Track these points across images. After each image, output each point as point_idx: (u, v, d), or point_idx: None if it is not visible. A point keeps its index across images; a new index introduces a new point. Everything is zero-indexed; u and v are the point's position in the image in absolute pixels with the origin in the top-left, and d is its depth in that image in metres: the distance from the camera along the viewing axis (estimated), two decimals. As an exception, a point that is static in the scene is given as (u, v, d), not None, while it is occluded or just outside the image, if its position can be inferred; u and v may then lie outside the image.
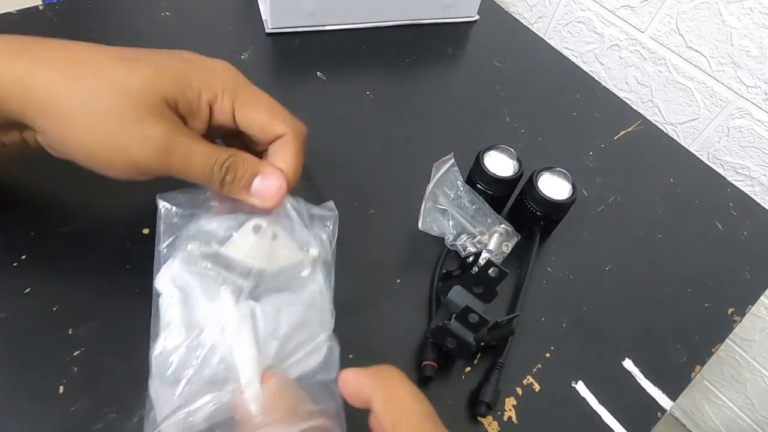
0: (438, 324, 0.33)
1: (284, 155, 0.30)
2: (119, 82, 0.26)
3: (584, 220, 0.47)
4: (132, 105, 0.26)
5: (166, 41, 0.52)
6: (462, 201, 0.41)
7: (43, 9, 0.51)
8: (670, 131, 0.66)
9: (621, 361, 0.39)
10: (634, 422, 0.36)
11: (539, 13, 0.74)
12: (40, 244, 0.35)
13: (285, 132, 0.30)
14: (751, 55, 0.56)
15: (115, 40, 0.51)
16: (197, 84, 0.28)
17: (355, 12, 0.58)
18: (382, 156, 0.45)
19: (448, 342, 0.33)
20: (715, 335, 0.42)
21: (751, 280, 0.46)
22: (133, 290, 0.34)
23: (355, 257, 0.40)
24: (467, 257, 0.37)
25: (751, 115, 0.59)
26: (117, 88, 0.26)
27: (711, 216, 0.50)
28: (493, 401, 0.34)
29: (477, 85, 0.57)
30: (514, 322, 0.34)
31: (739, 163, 0.62)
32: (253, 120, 0.30)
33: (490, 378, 0.35)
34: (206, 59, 0.30)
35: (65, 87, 0.25)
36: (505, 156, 0.41)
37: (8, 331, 0.31)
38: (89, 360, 0.31)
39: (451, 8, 0.62)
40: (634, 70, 0.67)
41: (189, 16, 0.55)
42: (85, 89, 0.25)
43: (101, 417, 0.29)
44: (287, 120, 0.31)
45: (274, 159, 0.31)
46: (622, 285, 0.43)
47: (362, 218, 0.42)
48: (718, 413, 0.89)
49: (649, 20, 0.63)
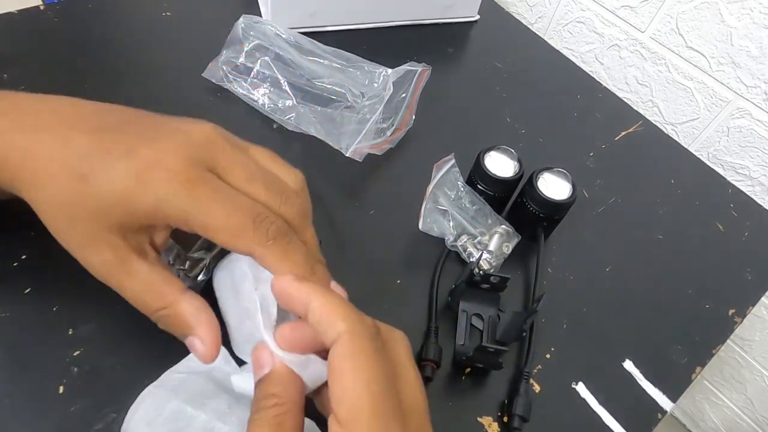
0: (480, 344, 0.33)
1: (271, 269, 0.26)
2: (69, 205, 0.26)
3: (584, 221, 0.47)
4: (78, 230, 0.26)
5: (166, 41, 0.52)
6: (462, 201, 0.41)
7: (43, 9, 0.51)
8: (670, 131, 0.66)
9: (621, 362, 0.39)
10: (635, 423, 0.36)
11: (539, 13, 0.74)
12: (40, 244, 0.35)
13: (251, 251, 0.25)
14: (751, 55, 0.56)
15: (116, 40, 0.51)
16: (141, 209, 0.25)
17: (356, 13, 0.58)
18: (382, 156, 0.45)
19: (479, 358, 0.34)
20: (716, 336, 0.42)
21: (752, 280, 0.46)
22: (133, 290, 0.34)
23: (355, 257, 0.40)
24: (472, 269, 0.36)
25: (751, 115, 0.59)
26: (66, 211, 0.26)
27: (711, 216, 0.50)
28: (527, 413, 0.33)
29: (477, 85, 0.57)
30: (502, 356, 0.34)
31: (739, 163, 0.62)
32: (214, 235, 0.25)
33: (520, 389, 0.34)
34: (152, 165, 0.25)
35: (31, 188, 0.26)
36: (506, 156, 0.41)
37: (8, 331, 0.31)
38: (89, 360, 0.31)
39: (451, 8, 0.62)
40: (634, 70, 0.67)
41: (189, 16, 0.55)
42: (43, 197, 0.26)
43: (101, 417, 0.29)
44: (250, 232, 0.25)
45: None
46: (622, 286, 0.43)
47: (362, 218, 0.42)
48: (718, 413, 0.89)
49: (649, 20, 0.63)
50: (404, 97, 0.46)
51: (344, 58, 0.48)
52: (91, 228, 0.26)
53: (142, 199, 0.25)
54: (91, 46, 0.49)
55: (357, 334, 0.23)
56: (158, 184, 0.24)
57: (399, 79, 0.45)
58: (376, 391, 0.22)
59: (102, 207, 0.25)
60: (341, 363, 0.22)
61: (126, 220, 0.25)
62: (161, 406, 0.28)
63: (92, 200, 0.25)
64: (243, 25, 0.47)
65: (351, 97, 0.46)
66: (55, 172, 0.25)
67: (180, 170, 0.25)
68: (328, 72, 0.47)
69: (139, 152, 0.25)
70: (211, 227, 0.25)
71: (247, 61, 0.47)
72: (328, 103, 0.46)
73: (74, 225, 0.26)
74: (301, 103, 0.46)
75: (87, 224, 0.25)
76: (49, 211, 0.26)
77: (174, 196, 0.24)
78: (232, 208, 0.25)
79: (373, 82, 0.47)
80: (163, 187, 0.24)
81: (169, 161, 0.25)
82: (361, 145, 0.41)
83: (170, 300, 0.26)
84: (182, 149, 0.26)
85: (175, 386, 0.29)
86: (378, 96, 0.44)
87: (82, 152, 0.26)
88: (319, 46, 0.47)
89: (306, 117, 0.45)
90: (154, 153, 0.25)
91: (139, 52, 0.49)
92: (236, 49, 0.47)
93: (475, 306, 0.37)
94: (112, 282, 0.27)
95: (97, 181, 0.25)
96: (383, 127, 0.46)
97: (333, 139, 0.43)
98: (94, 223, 0.25)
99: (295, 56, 0.47)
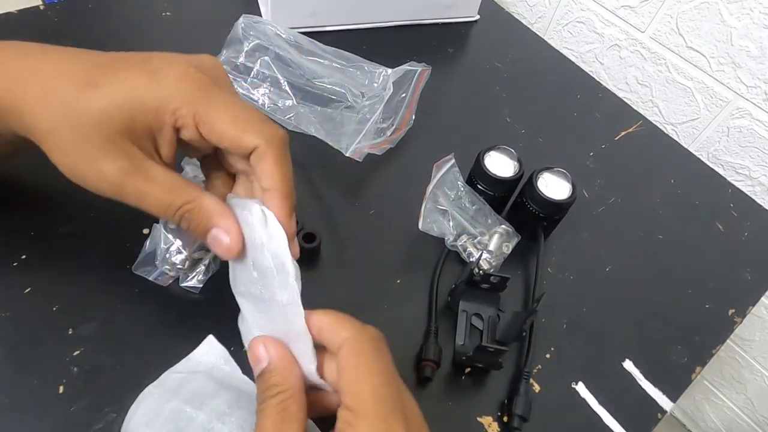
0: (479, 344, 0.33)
1: (264, 170, 0.27)
2: (77, 115, 0.25)
3: (584, 221, 0.47)
4: (88, 141, 0.26)
5: (166, 41, 0.52)
6: (462, 201, 0.41)
7: (44, 9, 0.51)
8: (670, 131, 0.66)
9: (621, 362, 0.39)
10: (635, 423, 0.36)
11: (539, 13, 0.74)
12: (40, 244, 0.35)
13: (257, 144, 0.27)
14: (751, 55, 0.56)
15: (116, 39, 0.51)
16: (152, 105, 0.26)
17: (356, 13, 0.58)
18: (382, 156, 0.45)
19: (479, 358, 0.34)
20: (716, 336, 0.42)
21: (752, 280, 0.46)
22: (133, 290, 0.34)
23: (355, 257, 0.40)
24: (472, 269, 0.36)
25: (751, 115, 0.59)
26: (75, 122, 0.25)
27: (711, 216, 0.50)
28: (527, 413, 0.33)
29: (477, 85, 0.57)
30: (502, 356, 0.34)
31: (739, 163, 0.62)
32: (220, 135, 0.27)
33: (519, 389, 0.34)
34: (164, 66, 0.27)
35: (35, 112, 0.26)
36: (506, 156, 0.41)
37: (8, 331, 0.31)
38: (89, 360, 0.31)
39: (451, 8, 0.62)
40: (634, 70, 0.67)
41: (189, 16, 0.55)
42: (49, 117, 0.26)
43: (101, 417, 0.29)
44: (257, 128, 0.27)
45: (257, 177, 0.28)
46: (622, 286, 0.43)
47: (362, 218, 0.42)
48: (718, 413, 0.89)
49: (649, 20, 0.63)
50: (404, 97, 0.46)
51: (344, 58, 0.48)
52: (102, 135, 0.25)
53: (154, 95, 0.26)
54: (91, 46, 0.49)
55: (358, 337, 0.25)
56: (171, 81, 0.26)
57: (399, 79, 0.45)
58: (377, 383, 0.24)
59: (112, 108, 0.25)
60: (346, 361, 0.24)
61: (136, 121, 0.26)
62: (161, 406, 0.28)
63: (101, 102, 0.25)
64: (243, 24, 0.47)
65: (351, 97, 0.46)
66: (63, 83, 0.26)
67: (192, 74, 0.27)
68: (328, 72, 0.47)
69: (152, 59, 0.27)
70: (220, 123, 0.27)
71: (247, 60, 0.47)
72: (328, 103, 0.46)
73: (84, 135, 0.25)
74: (301, 103, 0.46)
75: (97, 131, 0.25)
76: (58, 128, 0.26)
77: (186, 92, 0.26)
78: (240, 107, 0.27)
79: (373, 82, 0.47)
80: (176, 84, 0.26)
81: (181, 66, 0.27)
82: (361, 145, 0.41)
83: (195, 194, 0.27)
84: (192, 62, 0.28)
85: (174, 386, 0.29)
86: (378, 96, 0.44)
87: (92, 64, 0.27)
88: (319, 45, 0.47)
89: (306, 117, 0.45)
90: (168, 60, 0.27)
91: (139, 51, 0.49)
92: (236, 49, 0.47)
93: (475, 306, 0.37)
94: (130, 189, 0.26)
95: (108, 83, 0.26)
96: (383, 127, 0.46)
97: (333, 139, 0.43)
98: (104, 129, 0.25)
99: (295, 56, 0.47)
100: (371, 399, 0.23)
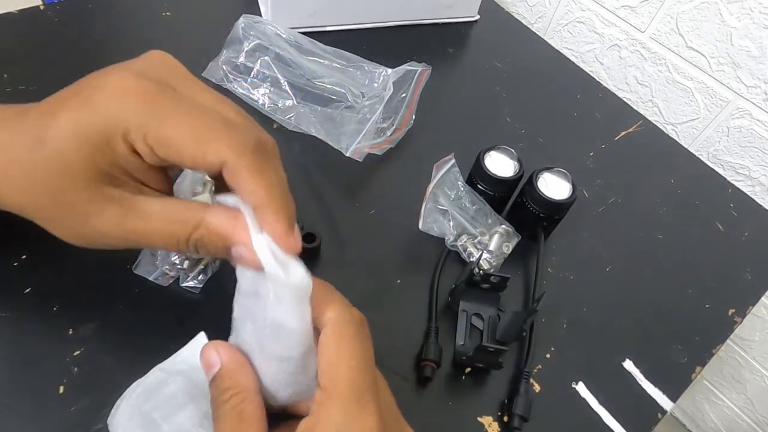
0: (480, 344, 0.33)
1: (241, 187, 0.23)
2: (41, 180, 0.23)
3: (584, 221, 0.47)
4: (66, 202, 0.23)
5: (166, 41, 0.52)
6: (462, 201, 0.41)
7: (44, 9, 0.51)
8: (670, 131, 0.66)
9: (621, 362, 0.39)
10: (635, 423, 0.36)
11: (539, 13, 0.74)
12: (40, 244, 0.35)
13: (223, 158, 0.22)
14: (751, 55, 0.56)
15: (116, 40, 0.51)
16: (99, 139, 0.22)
17: (355, 13, 0.58)
18: (382, 156, 0.45)
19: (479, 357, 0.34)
20: (716, 336, 0.42)
21: (752, 280, 0.46)
22: (133, 290, 0.34)
23: (355, 257, 0.40)
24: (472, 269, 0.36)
25: (751, 115, 0.59)
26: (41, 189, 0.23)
27: (711, 216, 0.50)
28: (527, 413, 0.33)
29: (477, 85, 0.57)
30: (502, 356, 0.34)
31: (739, 163, 0.62)
32: (178, 153, 0.22)
33: (520, 388, 0.34)
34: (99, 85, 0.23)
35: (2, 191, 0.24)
36: (506, 156, 0.41)
37: (8, 331, 0.31)
38: (89, 360, 0.31)
39: (452, 8, 0.62)
40: (634, 70, 0.67)
41: (189, 16, 0.55)
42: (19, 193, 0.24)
43: (101, 417, 0.29)
44: (223, 137, 0.22)
45: (240, 195, 0.24)
46: (622, 285, 0.43)
47: (362, 218, 0.42)
48: (718, 413, 0.89)
49: (649, 20, 0.63)
50: (404, 97, 0.46)
51: (344, 58, 0.48)
52: (77, 190, 0.23)
53: (95, 127, 0.22)
54: (91, 46, 0.49)
55: (343, 320, 0.24)
56: (108, 102, 0.22)
57: (399, 79, 0.45)
58: (354, 366, 0.23)
59: (73, 159, 0.22)
60: (328, 341, 0.24)
61: (97, 160, 0.23)
62: (141, 404, 0.27)
63: (60, 158, 0.22)
64: (243, 24, 0.47)
65: (351, 97, 0.46)
66: (15, 157, 0.23)
67: (133, 85, 0.22)
68: (328, 72, 0.47)
69: (85, 82, 0.23)
70: (174, 139, 0.22)
71: (247, 60, 0.47)
72: (328, 103, 0.46)
73: (58, 199, 0.23)
74: (301, 103, 0.46)
75: (68, 188, 0.23)
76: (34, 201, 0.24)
77: (129, 110, 0.22)
78: (198, 113, 0.23)
79: (373, 82, 0.47)
80: (115, 103, 0.22)
81: (116, 79, 0.23)
82: (361, 145, 0.41)
83: (198, 219, 0.24)
84: (133, 68, 0.24)
85: (154, 386, 0.28)
86: (378, 96, 0.44)
87: (31, 119, 0.23)
88: (319, 45, 0.47)
89: (306, 117, 0.45)
90: (102, 77, 0.23)
91: (139, 52, 0.49)
92: (236, 49, 0.47)
93: (475, 306, 0.37)
94: (131, 235, 0.24)
95: (54, 135, 0.22)
96: (383, 127, 0.46)
97: (333, 139, 0.43)
98: (72, 184, 0.23)
99: (295, 56, 0.47)
100: (346, 381, 0.23)
